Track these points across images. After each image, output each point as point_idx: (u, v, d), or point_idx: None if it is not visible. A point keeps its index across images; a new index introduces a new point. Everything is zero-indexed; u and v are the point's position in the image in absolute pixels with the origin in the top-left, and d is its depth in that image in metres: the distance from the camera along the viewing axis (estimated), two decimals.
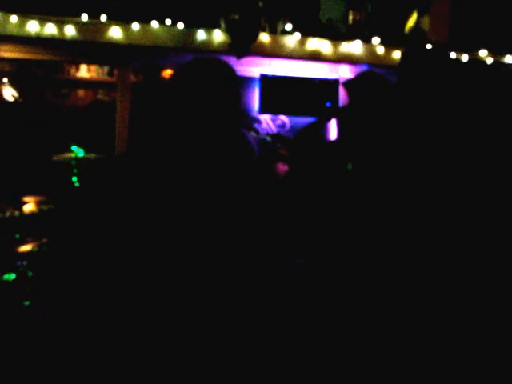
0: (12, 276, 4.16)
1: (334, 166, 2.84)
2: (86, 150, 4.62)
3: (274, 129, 5.66)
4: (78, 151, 4.39)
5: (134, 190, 2.50)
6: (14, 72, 5.63)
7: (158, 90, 5.64)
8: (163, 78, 5.73)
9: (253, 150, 2.96)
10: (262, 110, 5.49)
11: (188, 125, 2.58)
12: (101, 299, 2.48)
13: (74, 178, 4.37)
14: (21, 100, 5.67)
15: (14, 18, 4.66)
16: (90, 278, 2.51)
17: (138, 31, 4.84)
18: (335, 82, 5.53)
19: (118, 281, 2.44)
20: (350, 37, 5.27)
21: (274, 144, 5.17)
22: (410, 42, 5.30)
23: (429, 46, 5.03)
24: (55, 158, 4.87)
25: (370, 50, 5.30)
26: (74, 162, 4.43)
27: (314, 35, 5.20)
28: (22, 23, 4.68)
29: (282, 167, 4.00)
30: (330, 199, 2.75)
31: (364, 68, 5.27)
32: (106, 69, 5.77)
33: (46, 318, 2.70)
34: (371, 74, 3.21)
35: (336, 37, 5.25)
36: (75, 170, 4.35)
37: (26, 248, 4.57)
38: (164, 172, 2.65)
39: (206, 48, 4.96)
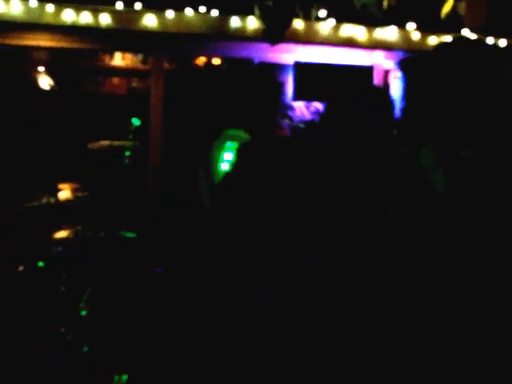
0: (43, 263, 4.21)
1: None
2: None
3: (308, 116, 5.64)
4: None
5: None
6: (50, 61, 5.68)
7: (191, 77, 5.65)
8: (197, 66, 5.74)
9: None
10: (296, 97, 5.47)
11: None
12: None
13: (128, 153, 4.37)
14: (56, 88, 5.73)
15: (50, 7, 4.70)
16: None
17: (173, 19, 4.85)
18: (369, 69, 5.48)
19: None
20: (384, 22, 5.21)
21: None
22: (446, 28, 5.22)
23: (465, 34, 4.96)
24: (90, 145, 4.92)
25: (405, 36, 5.23)
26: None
27: (349, 21, 5.15)
28: (57, 12, 4.73)
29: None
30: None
31: (399, 54, 5.21)
32: (140, 57, 5.79)
33: None
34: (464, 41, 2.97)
35: (370, 22, 5.19)
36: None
37: (61, 235, 4.62)
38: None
39: (240, 35, 4.95)
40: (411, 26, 5.20)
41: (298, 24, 5.04)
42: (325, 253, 2.59)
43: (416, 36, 5.23)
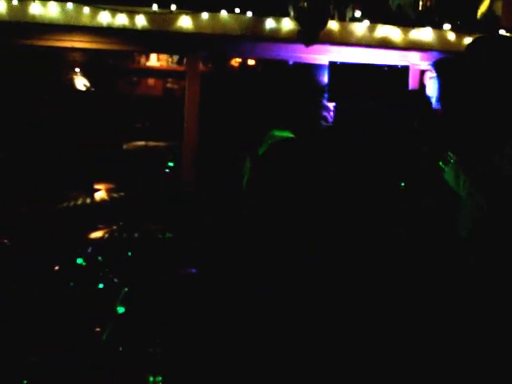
0: (82, 261, 4.26)
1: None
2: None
3: None
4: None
5: None
6: (86, 62, 5.74)
7: (227, 78, 5.67)
8: (232, 67, 5.75)
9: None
10: (331, 98, 5.43)
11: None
12: None
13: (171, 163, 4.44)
14: (92, 89, 5.78)
15: (86, 9, 4.75)
16: None
17: (208, 20, 4.86)
18: (405, 69, 5.43)
19: None
20: (420, 23, 5.17)
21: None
22: (483, 28, 5.17)
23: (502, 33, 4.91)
24: (126, 146, 4.96)
25: (441, 37, 5.19)
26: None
27: (384, 22, 5.12)
28: (93, 14, 4.77)
29: None
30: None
31: (435, 55, 5.17)
32: (175, 58, 5.82)
33: None
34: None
35: (406, 23, 5.15)
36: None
37: (96, 235, 4.66)
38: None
39: (275, 36, 4.95)
40: (447, 26, 5.15)
41: (333, 25, 5.03)
42: (328, 252, 2.58)
43: (451, 37, 5.19)
